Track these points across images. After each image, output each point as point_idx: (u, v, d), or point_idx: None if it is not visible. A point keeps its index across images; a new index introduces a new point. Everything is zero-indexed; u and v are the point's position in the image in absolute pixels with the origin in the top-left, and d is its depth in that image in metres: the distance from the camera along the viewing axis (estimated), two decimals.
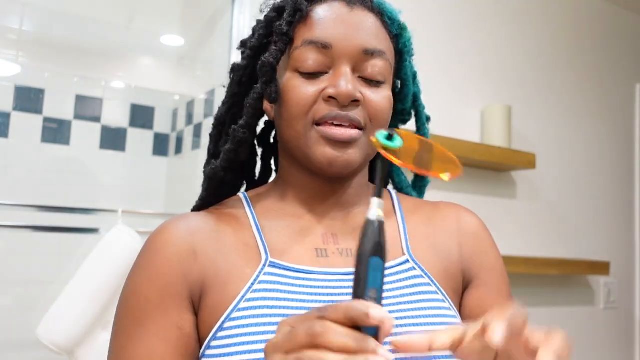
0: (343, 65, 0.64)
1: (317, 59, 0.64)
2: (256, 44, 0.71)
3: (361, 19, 0.66)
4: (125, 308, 0.66)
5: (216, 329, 0.61)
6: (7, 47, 2.20)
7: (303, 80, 0.65)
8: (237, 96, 0.73)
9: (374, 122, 0.65)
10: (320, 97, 0.64)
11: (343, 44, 0.64)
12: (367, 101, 0.65)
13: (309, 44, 0.65)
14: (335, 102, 0.63)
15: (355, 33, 0.65)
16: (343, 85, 0.62)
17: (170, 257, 0.65)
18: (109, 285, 1.47)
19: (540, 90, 2.24)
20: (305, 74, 0.65)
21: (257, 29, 0.73)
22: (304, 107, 0.64)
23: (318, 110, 0.64)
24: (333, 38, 0.64)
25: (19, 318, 1.95)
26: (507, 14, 2.17)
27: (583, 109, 2.38)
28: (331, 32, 0.65)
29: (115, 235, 1.51)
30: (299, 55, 0.65)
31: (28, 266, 2.10)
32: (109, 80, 2.42)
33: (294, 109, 0.64)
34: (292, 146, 0.67)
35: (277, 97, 0.66)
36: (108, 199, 2.18)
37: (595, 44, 2.47)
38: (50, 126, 2.24)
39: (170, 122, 2.52)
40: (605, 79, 2.49)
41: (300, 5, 0.66)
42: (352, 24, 0.65)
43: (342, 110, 0.63)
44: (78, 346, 1.44)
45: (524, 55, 2.20)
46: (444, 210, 0.76)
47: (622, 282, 2.43)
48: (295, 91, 0.64)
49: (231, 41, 1.85)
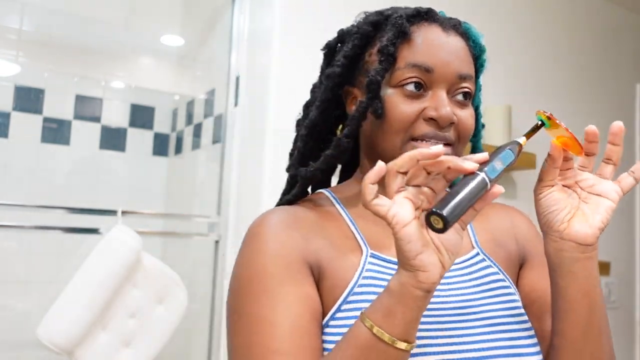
0: (441, 89, 0.72)
1: (419, 80, 0.72)
2: (351, 54, 0.77)
3: (455, 45, 0.74)
4: (249, 288, 0.68)
5: (334, 310, 0.67)
6: (7, 47, 2.20)
7: (404, 99, 0.72)
8: (329, 101, 0.79)
9: (462, 139, 0.74)
10: (421, 116, 0.71)
11: (442, 70, 0.72)
12: (459, 121, 0.73)
13: (412, 66, 0.71)
14: (435, 123, 0.71)
15: (452, 59, 0.73)
16: (444, 110, 0.70)
17: (286, 240, 0.70)
18: (109, 285, 1.47)
19: (540, 90, 2.24)
20: (406, 93, 0.72)
21: (352, 39, 0.78)
22: (405, 124, 0.71)
23: (418, 128, 0.71)
24: (434, 63, 0.72)
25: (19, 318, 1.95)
26: (507, 14, 2.17)
27: (583, 109, 2.38)
28: (432, 57, 0.72)
29: (115, 235, 1.51)
30: (401, 75, 0.72)
31: (28, 266, 2.10)
32: (109, 80, 2.42)
33: (396, 124, 0.71)
34: (386, 154, 0.73)
35: (382, 113, 0.72)
36: (108, 199, 2.18)
37: (595, 44, 2.47)
38: (50, 126, 2.24)
39: (170, 122, 2.52)
40: (605, 79, 2.49)
41: (404, 28, 0.73)
42: (449, 50, 0.73)
43: (441, 131, 0.71)
44: (78, 346, 1.44)
45: (524, 55, 2.20)
46: (497, 209, 0.86)
47: (622, 282, 2.43)
48: (398, 109, 0.71)
49: (231, 41, 1.85)
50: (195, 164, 2.23)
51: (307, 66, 1.75)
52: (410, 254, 0.55)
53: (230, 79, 1.83)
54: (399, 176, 0.56)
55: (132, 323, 1.54)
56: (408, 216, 0.55)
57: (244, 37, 1.81)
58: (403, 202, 0.56)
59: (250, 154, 1.71)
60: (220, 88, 1.93)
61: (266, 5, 1.72)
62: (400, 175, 0.56)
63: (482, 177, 0.56)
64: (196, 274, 1.92)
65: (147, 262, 1.56)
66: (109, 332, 1.50)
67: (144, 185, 2.42)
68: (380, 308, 0.57)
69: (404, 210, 0.55)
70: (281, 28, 1.67)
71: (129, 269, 1.51)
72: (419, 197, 0.57)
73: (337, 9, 1.73)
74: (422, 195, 0.57)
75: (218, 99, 1.98)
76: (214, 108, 2.02)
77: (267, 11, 1.72)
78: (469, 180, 0.56)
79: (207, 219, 1.84)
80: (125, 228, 1.54)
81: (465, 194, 0.54)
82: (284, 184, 0.86)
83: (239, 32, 1.83)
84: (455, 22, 0.77)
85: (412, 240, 0.55)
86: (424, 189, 0.57)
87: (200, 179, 2.17)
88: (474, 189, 0.55)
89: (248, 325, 0.66)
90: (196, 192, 2.18)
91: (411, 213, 0.55)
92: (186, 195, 2.30)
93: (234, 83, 1.82)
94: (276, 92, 1.64)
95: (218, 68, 1.93)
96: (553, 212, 0.67)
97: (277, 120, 1.62)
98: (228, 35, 1.86)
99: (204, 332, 1.81)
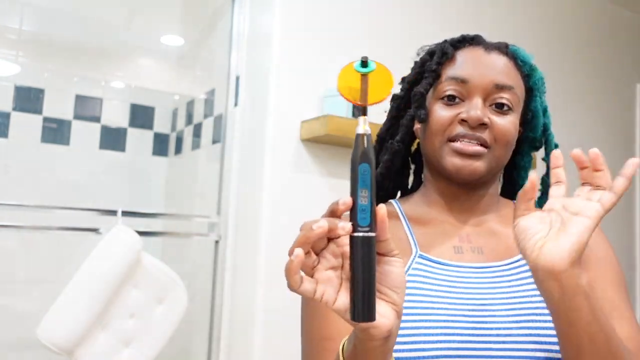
0: (475, 97, 0.80)
1: (455, 90, 0.81)
2: (412, 79, 0.87)
3: (495, 59, 0.82)
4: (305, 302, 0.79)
5: None
6: (7, 47, 2.20)
7: (443, 107, 0.81)
8: (395, 119, 0.90)
9: (498, 142, 0.80)
10: (456, 120, 0.80)
11: (477, 79, 0.80)
12: (493, 125, 0.80)
13: (450, 79, 0.82)
14: (467, 124, 0.79)
15: (488, 71, 0.81)
16: (473, 111, 0.78)
17: None
18: (109, 285, 1.47)
19: None
20: (445, 102, 0.81)
21: (414, 68, 0.89)
22: (442, 126, 0.80)
23: (452, 130, 0.80)
24: (469, 75, 0.81)
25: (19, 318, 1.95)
26: (507, 14, 2.17)
27: (583, 109, 2.39)
28: (468, 70, 0.81)
29: (115, 235, 1.51)
30: (442, 87, 0.82)
31: (28, 266, 2.10)
32: (109, 80, 2.42)
33: (434, 126, 0.81)
34: (431, 157, 0.84)
35: (425, 118, 0.83)
36: (108, 199, 2.18)
37: (595, 44, 2.47)
38: (50, 126, 2.24)
39: (170, 122, 2.52)
40: (605, 79, 2.49)
41: (447, 50, 0.84)
42: (486, 64, 0.82)
43: (471, 131, 0.79)
44: (78, 346, 1.44)
45: None
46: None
47: None
48: (436, 114, 0.81)
49: (231, 41, 1.85)
50: (195, 164, 2.23)
51: (307, 66, 1.76)
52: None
53: (230, 79, 1.83)
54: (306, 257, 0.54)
55: (132, 323, 1.54)
56: (333, 290, 0.53)
57: (244, 37, 1.81)
58: (324, 276, 0.54)
59: (250, 154, 1.71)
60: (220, 88, 1.93)
61: (266, 5, 1.72)
62: (307, 255, 0.53)
63: (358, 238, 0.52)
64: (196, 274, 1.92)
65: (147, 262, 1.56)
66: (109, 332, 1.50)
67: (144, 185, 2.42)
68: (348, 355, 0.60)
69: (328, 287, 0.53)
70: (281, 28, 1.67)
71: (129, 269, 1.51)
72: (334, 256, 0.55)
73: (336, 9, 1.73)
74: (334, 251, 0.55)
75: (218, 99, 1.98)
76: (214, 108, 2.02)
77: (267, 11, 1.72)
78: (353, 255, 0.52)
79: (207, 219, 1.84)
80: (125, 228, 1.54)
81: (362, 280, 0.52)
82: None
83: (239, 32, 1.83)
84: (501, 45, 0.85)
85: (347, 308, 0.53)
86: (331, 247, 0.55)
87: (200, 179, 2.17)
88: (365, 261, 0.52)
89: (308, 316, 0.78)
90: (196, 192, 2.18)
91: (335, 285, 0.54)
92: (186, 195, 2.30)
93: (234, 83, 1.82)
94: (276, 92, 1.64)
95: (218, 68, 1.93)
96: (523, 240, 0.64)
97: (277, 120, 1.62)
98: (228, 35, 1.86)
99: (204, 332, 1.81)
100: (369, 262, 0.52)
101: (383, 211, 0.53)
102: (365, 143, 0.54)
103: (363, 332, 0.55)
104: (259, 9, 1.77)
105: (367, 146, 0.53)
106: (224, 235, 1.77)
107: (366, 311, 0.52)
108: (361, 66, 0.56)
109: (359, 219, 0.52)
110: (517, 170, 0.96)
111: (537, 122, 0.90)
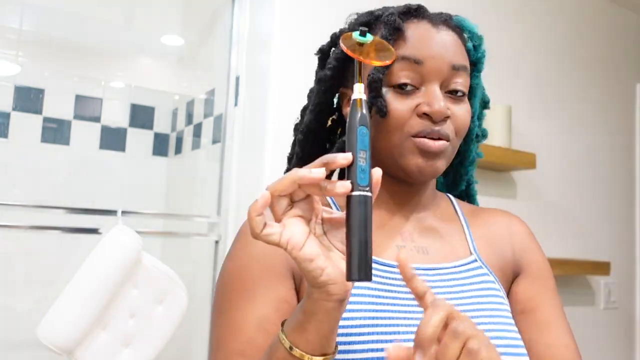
0: (433, 84, 0.71)
1: (409, 74, 0.71)
2: (342, 56, 0.77)
3: (446, 38, 0.73)
4: (230, 286, 0.70)
5: None
6: (7, 47, 2.19)
7: (397, 96, 0.71)
8: (323, 105, 0.81)
9: (458, 134, 0.73)
10: (414, 112, 0.71)
11: (433, 62, 0.71)
12: (453, 116, 0.72)
13: (402, 59, 0.71)
14: (429, 119, 0.70)
15: (444, 51, 0.72)
16: (436, 105, 0.69)
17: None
18: (109, 286, 1.47)
19: (540, 90, 2.24)
20: (399, 89, 0.71)
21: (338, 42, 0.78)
22: (401, 121, 0.70)
23: (413, 125, 0.70)
24: (423, 56, 0.71)
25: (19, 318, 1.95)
26: (507, 14, 2.17)
27: (583, 109, 2.38)
28: (422, 50, 0.71)
29: (115, 235, 1.51)
30: (393, 70, 0.71)
31: (28, 266, 2.10)
32: (109, 80, 2.42)
33: (392, 121, 0.71)
34: (384, 155, 0.73)
35: (386, 112, 0.70)
36: (108, 199, 2.18)
37: (595, 44, 2.46)
38: (50, 126, 2.24)
39: (170, 122, 2.52)
40: (605, 79, 2.49)
41: (398, 25, 0.72)
42: (440, 42, 0.72)
43: (435, 126, 0.70)
44: (78, 346, 1.43)
45: (524, 55, 2.20)
46: (496, 215, 0.85)
47: (622, 282, 2.43)
48: (392, 106, 0.70)
49: (231, 41, 1.85)
50: (195, 164, 2.23)
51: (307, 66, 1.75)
52: (316, 272, 0.53)
53: (230, 79, 1.83)
54: (281, 199, 0.54)
55: (132, 323, 1.54)
56: (301, 236, 0.53)
57: (244, 37, 1.81)
58: (292, 222, 0.53)
59: (250, 154, 1.71)
60: (220, 88, 1.92)
61: (266, 5, 1.72)
62: (284, 198, 0.54)
63: (357, 197, 0.52)
64: (196, 274, 1.92)
65: (147, 262, 1.56)
66: (109, 332, 1.50)
67: (144, 185, 2.42)
68: (295, 326, 0.57)
69: (296, 232, 0.53)
70: (281, 28, 1.67)
71: (129, 269, 1.51)
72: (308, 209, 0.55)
73: (336, 9, 1.73)
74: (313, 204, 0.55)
75: (218, 99, 1.98)
76: (214, 108, 2.02)
77: (267, 11, 1.72)
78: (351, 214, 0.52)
79: (207, 219, 1.84)
80: (125, 228, 1.54)
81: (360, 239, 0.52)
82: None
83: (239, 32, 1.82)
84: (446, 17, 0.76)
85: (313, 258, 0.53)
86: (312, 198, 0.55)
87: (200, 179, 2.17)
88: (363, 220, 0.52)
89: (221, 324, 0.69)
90: (196, 192, 2.18)
91: (304, 231, 0.53)
92: (186, 195, 2.30)
93: (234, 83, 1.82)
94: (276, 92, 1.64)
95: (218, 68, 1.92)
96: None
97: (277, 120, 1.61)
98: (228, 35, 1.86)
99: (204, 332, 1.81)
100: (367, 221, 0.52)
101: (379, 174, 0.54)
102: (364, 108, 0.55)
103: (323, 289, 0.53)
104: (259, 9, 1.77)
105: (365, 111, 0.55)
106: (224, 235, 1.77)
107: (363, 270, 0.51)
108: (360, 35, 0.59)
109: (358, 179, 0.52)
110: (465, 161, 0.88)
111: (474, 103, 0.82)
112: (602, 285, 2.35)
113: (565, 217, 2.27)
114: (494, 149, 1.90)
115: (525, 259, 0.81)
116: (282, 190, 0.53)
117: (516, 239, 0.82)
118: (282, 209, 0.54)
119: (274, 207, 0.54)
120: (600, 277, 2.33)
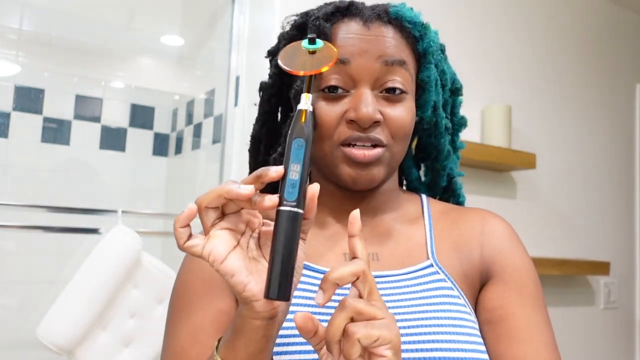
0: (362, 86, 0.66)
1: (337, 77, 0.67)
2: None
3: (378, 33, 0.68)
4: (176, 297, 0.71)
5: None
6: (7, 47, 2.19)
7: (327, 102, 0.67)
8: (267, 114, 0.78)
9: (395, 137, 0.68)
10: (343, 119, 0.67)
11: (360, 61, 0.66)
12: (387, 120, 0.67)
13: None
14: (357, 125, 0.66)
15: (372, 47, 0.67)
16: (363, 109, 0.65)
17: None
18: (109, 286, 1.47)
19: (540, 90, 2.24)
20: (328, 94, 0.67)
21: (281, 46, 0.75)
22: (329, 129, 0.67)
23: (341, 132, 0.67)
24: (350, 54, 0.66)
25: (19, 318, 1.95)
26: (507, 15, 2.17)
27: (583, 109, 2.38)
28: (349, 48, 0.67)
29: (115, 235, 1.51)
30: (321, 76, 0.67)
31: (28, 266, 2.10)
32: (109, 80, 2.42)
33: (321, 129, 0.67)
34: (321, 163, 0.70)
35: (316, 122, 0.67)
36: (108, 199, 2.18)
37: (595, 44, 2.46)
38: (50, 126, 2.24)
39: (170, 122, 2.52)
40: (606, 79, 2.49)
41: (324, 29, 0.68)
42: (368, 39, 0.67)
43: (364, 133, 0.66)
44: (78, 346, 1.44)
45: (525, 56, 2.20)
46: (470, 214, 0.77)
47: (622, 282, 2.43)
48: (321, 113, 0.67)
49: (231, 41, 1.85)
50: (195, 164, 2.23)
51: None
52: (238, 287, 0.50)
53: (230, 79, 1.83)
54: (210, 211, 0.52)
55: (132, 323, 1.54)
56: (223, 249, 0.51)
57: (244, 37, 1.81)
58: (218, 235, 0.52)
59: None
60: (220, 88, 1.92)
61: (266, 5, 1.72)
62: (212, 210, 0.52)
63: (284, 212, 0.50)
64: None
65: (147, 262, 1.56)
66: (109, 332, 1.50)
67: (144, 185, 2.42)
68: (226, 343, 0.55)
69: (219, 244, 0.51)
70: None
71: (129, 269, 1.51)
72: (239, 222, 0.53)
73: None
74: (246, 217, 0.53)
75: (218, 99, 1.98)
76: (214, 108, 2.02)
77: (267, 11, 1.72)
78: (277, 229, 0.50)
79: None
80: (125, 228, 1.54)
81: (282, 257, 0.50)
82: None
83: (239, 32, 1.82)
84: (380, 11, 0.70)
85: (235, 272, 0.50)
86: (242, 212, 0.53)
87: (200, 179, 2.17)
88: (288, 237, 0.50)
89: (165, 337, 0.68)
90: (196, 192, 2.18)
91: (227, 245, 0.51)
92: (186, 195, 2.30)
93: (234, 83, 1.82)
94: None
95: (218, 68, 1.92)
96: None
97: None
98: (228, 35, 1.86)
99: None
100: (292, 239, 0.50)
101: (315, 189, 0.52)
102: (304, 118, 0.53)
103: (248, 305, 0.51)
104: (259, 9, 1.77)
105: (305, 122, 0.53)
106: None
107: (282, 289, 0.49)
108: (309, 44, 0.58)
109: (286, 193, 0.50)
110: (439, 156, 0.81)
111: (427, 98, 0.73)
112: (602, 285, 2.35)
113: (564, 217, 2.27)
114: (493, 149, 1.90)
115: (498, 262, 0.71)
116: (208, 203, 0.52)
117: (488, 239, 0.73)
118: (211, 221, 0.52)
119: (202, 219, 0.53)
120: (600, 277, 2.33)
